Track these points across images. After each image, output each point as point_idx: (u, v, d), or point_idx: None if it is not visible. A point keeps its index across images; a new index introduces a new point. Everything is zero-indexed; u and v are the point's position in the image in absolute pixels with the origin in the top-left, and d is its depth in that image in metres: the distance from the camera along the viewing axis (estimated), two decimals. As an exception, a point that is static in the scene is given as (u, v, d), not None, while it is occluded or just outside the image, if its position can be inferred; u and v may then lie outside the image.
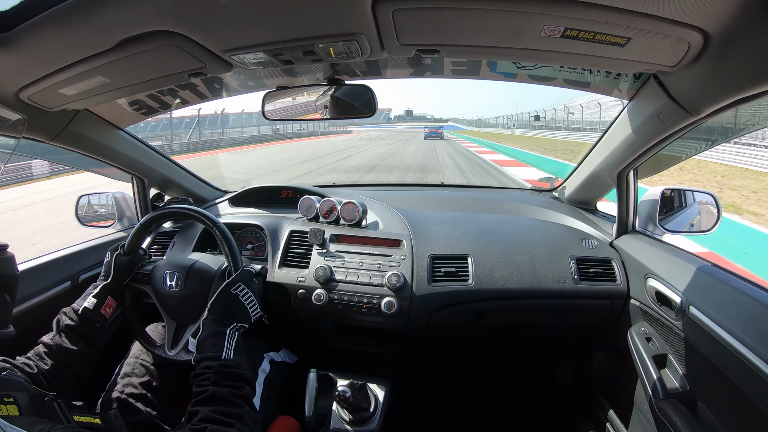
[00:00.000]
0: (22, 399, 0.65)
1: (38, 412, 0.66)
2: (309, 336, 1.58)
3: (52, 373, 0.97)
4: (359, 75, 1.33)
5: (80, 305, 1.09)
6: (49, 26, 0.73)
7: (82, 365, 1.05)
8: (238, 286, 1.05)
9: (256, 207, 1.79)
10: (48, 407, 0.70)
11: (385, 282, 1.34)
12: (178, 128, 24.23)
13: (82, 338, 1.06)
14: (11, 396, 0.64)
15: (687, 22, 0.69)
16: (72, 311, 1.08)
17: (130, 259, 1.24)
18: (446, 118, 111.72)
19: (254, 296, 1.06)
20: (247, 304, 1.04)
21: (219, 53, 0.87)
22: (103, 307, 1.11)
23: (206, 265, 1.25)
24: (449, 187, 2.22)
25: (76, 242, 1.57)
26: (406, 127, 64.96)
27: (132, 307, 1.27)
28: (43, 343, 1.02)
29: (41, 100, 1.05)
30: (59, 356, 1.00)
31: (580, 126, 27.13)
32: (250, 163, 15.99)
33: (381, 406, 1.34)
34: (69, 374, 1.01)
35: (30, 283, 1.30)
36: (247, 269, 1.13)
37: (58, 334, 1.04)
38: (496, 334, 1.61)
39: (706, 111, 0.94)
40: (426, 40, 0.84)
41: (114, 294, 1.15)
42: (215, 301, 1.02)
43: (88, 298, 1.10)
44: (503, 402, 1.89)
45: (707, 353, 0.98)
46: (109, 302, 1.13)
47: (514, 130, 38.96)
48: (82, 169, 1.97)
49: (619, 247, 1.42)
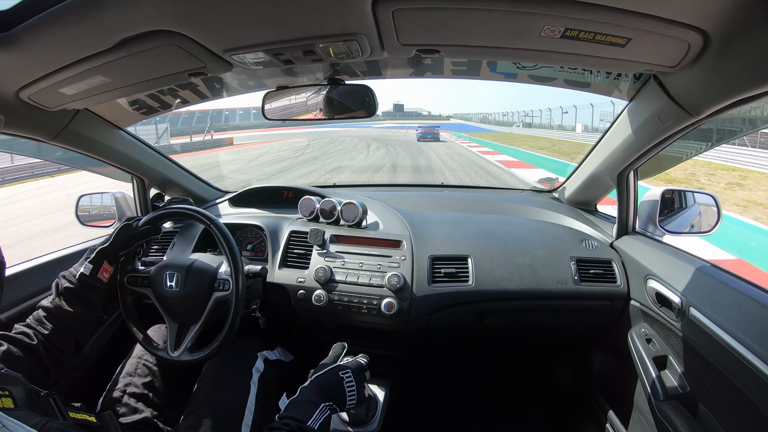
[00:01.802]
0: (18, 393, 0.65)
1: (34, 407, 0.66)
2: (309, 336, 1.58)
3: (52, 338, 0.98)
4: (359, 75, 1.33)
5: (77, 270, 1.09)
6: (50, 26, 0.73)
7: (81, 329, 1.06)
8: (347, 373, 1.01)
9: (256, 207, 1.79)
10: (44, 403, 0.70)
11: (385, 283, 1.34)
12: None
13: (81, 300, 1.06)
14: (6, 389, 0.64)
15: (687, 22, 0.69)
16: (70, 274, 1.09)
17: (134, 234, 1.23)
18: (447, 115, 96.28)
19: (356, 388, 1.02)
20: (348, 392, 1.00)
21: (219, 53, 0.87)
22: (99, 272, 1.11)
23: (206, 264, 1.25)
24: (449, 188, 2.22)
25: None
26: (389, 126, 48.96)
27: (133, 310, 1.27)
28: (42, 306, 1.03)
29: (41, 99, 1.05)
30: (59, 319, 1.01)
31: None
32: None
33: (381, 406, 1.34)
34: (69, 339, 1.02)
35: (29, 283, 1.30)
36: (359, 362, 1.09)
37: (57, 297, 1.05)
38: (496, 335, 1.61)
39: (707, 112, 0.94)
40: (426, 40, 0.84)
41: (109, 260, 1.15)
42: (323, 374, 0.99)
43: (85, 264, 1.11)
44: (503, 403, 1.89)
45: (707, 354, 0.98)
46: (105, 267, 1.13)
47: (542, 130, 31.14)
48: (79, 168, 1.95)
49: (620, 248, 1.42)
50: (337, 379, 0.99)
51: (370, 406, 1.33)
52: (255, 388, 1.19)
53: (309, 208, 1.60)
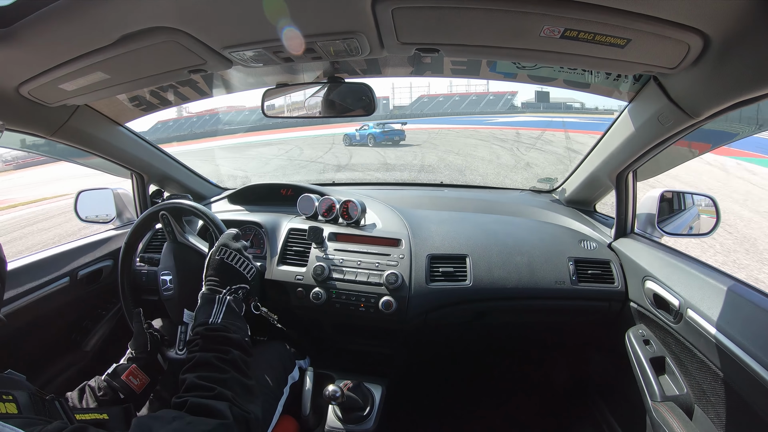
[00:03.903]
0: (22, 398, 0.63)
1: (38, 412, 0.65)
2: (307, 335, 1.58)
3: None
4: (359, 73, 1.33)
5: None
6: (50, 22, 0.73)
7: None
8: (221, 251, 1.01)
9: (255, 204, 1.79)
10: (49, 407, 0.68)
11: (383, 281, 1.34)
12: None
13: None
14: (10, 394, 0.62)
15: (686, 24, 0.69)
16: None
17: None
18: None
19: (241, 255, 1.02)
20: (237, 265, 1.01)
21: (219, 50, 0.87)
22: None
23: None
24: (448, 187, 2.22)
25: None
26: (526, 122, 23.90)
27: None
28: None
29: (41, 95, 1.05)
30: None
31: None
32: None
33: (377, 405, 1.34)
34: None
35: (29, 278, 1.30)
36: (227, 232, 1.09)
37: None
38: (493, 334, 1.61)
39: (706, 113, 0.94)
40: (425, 39, 0.84)
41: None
42: (206, 273, 1.00)
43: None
44: (500, 403, 1.89)
45: (704, 356, 0.98)
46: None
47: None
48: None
49: (618, 249, 1.42)
50: (217, 263, 1.00)
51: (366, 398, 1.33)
52: (286, 395, 1.21)
53: (308, 205, 1.60)
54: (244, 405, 0.72)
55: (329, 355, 1.58)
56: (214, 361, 0.77)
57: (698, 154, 1.33)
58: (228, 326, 0.87)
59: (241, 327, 0.90)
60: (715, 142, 1.33)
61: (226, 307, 0.91)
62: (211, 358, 0.77)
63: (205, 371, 0.75)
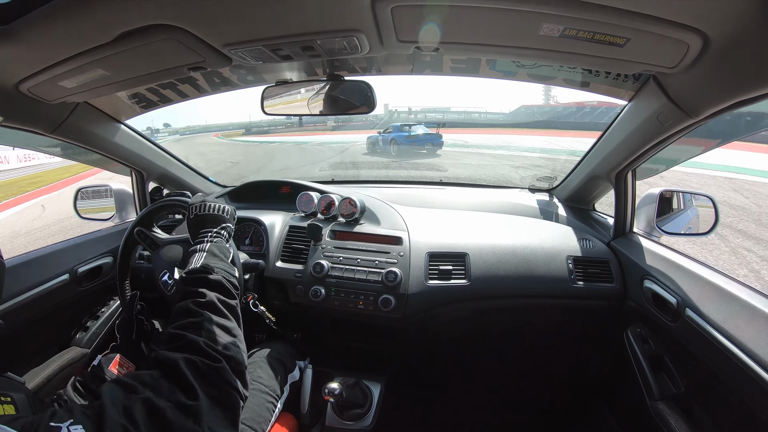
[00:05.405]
0: (20, 399, 0.63)
1: (36, 413, 0.64)
2: (306, 332, 1.59)
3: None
4: (359, 71, 1.33)
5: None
6: (49, 19, 0.73)
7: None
8: (190, 210, 1.04)
9: (255, 202, 1.79)
10: (48, 407, 0.67)
11: (382, 279, 1.34)
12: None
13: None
14: (8, 395, 0.62)
15: (686, 23, 0.69)
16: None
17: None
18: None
19: (207, 202, 1.04)
20: (208, 211, 1.03)
21: (218, 47, 0.87)
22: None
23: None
24: (448, 185, 2.21)
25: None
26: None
27: (142, 315, 1.28)
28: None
29: (41, 92, 1.05)
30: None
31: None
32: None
33: (376, 402, 1.35)
34: None
35: (28, 275, 1.30)
36: (186, 198, 1.16)
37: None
38: (492, 332, 1.61)
39: (705, 113, 0.94)
40: (425, 37, 0.84)
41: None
42: (191, 237, 1.03)
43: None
44: (499, 401, 1.89)
45: (702, 355, 0.99)
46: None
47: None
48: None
49: (617, 248, 1.42)
50: (190, 221, 1.04)
51: (365, 395, 1.34)
52: (286, 394, 1.21)
53: (307, 203, 1.60)
54: (215, 346, 0.70)
55: (328, 352, 1.59)
56: (191, 306, 0.76)
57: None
58: (207, 268, 0.85)
59: (223, 267, 0.88)
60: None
61: (207, 252, 0.91)
62: (188, 304, 0.76)
63: (182, 319, 0.74)
